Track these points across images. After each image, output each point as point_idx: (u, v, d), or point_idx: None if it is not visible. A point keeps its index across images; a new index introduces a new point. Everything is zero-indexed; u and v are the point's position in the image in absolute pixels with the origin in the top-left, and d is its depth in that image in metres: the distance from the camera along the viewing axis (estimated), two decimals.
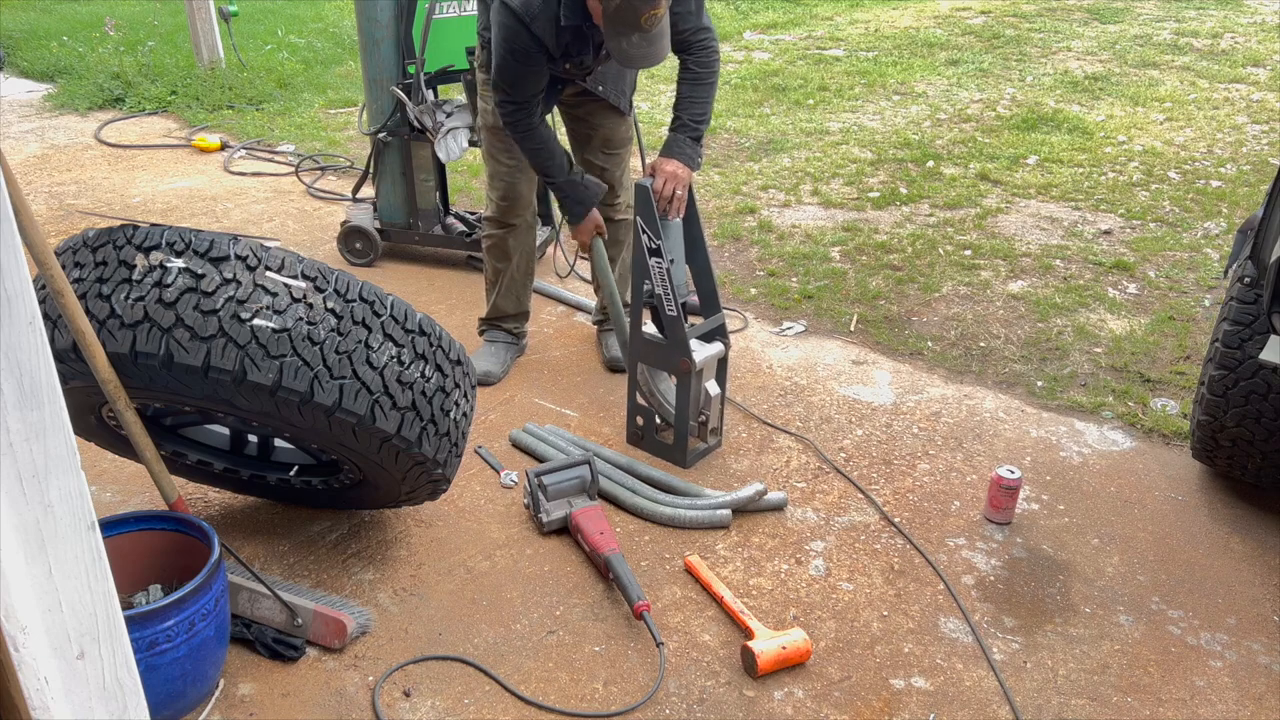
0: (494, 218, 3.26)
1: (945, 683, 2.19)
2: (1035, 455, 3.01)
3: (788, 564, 2.54)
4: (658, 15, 2.46)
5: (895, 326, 3.78)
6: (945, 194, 5.11)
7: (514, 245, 3.29)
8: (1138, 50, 8.08)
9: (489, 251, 3.34)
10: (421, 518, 2.69)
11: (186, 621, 1.88)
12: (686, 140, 2.81)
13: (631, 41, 2.51)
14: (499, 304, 3.40)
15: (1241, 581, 2.51)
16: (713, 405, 2.87)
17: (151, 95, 6.71)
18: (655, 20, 2.47)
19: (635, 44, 2.52)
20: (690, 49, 2.79)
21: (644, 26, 2.47)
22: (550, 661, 2.22)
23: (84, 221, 4.72)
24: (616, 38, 2.52)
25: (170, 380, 1.93)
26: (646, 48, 2.53)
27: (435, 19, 3.74)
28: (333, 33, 8.70)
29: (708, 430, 2.90)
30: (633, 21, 2.46)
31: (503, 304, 3.40)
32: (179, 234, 1.96)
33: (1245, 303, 2.51)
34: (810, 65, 7.75)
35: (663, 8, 2.46)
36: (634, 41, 2.51)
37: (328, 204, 5.01)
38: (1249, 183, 5.21)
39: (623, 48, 2.53)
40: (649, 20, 2.46)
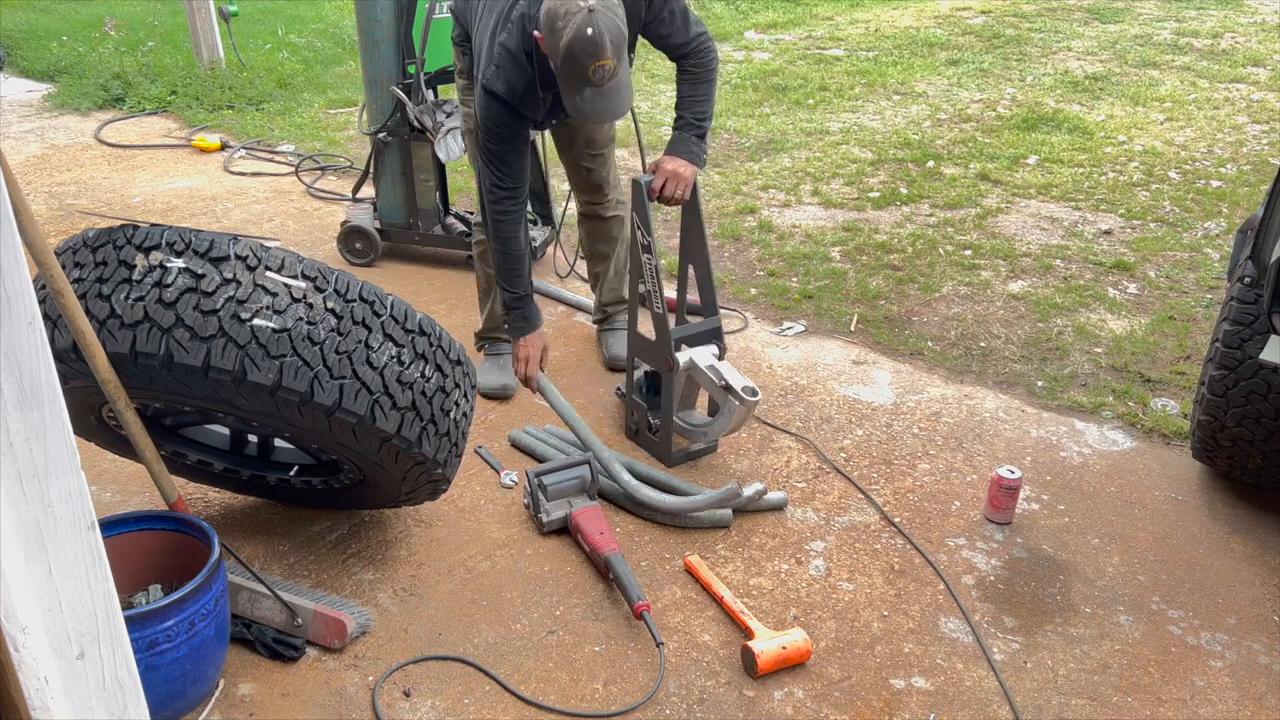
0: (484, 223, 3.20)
1: (945, 683, 2.19)
2: (1035, 455, 3.01)
3: (788, 564, 2.54)
4: (606, 67, 2.37)
5: (895, 326, 3.78)
6: (945, 194, 5.11)
7: None
8: (1138, 50, 8.08)
9: (481, 258, 3.27)
10: (421, 518, 2.69)
11: (186, 621, 1.88)
12: (690, 138, 2.78)
13: (584, 96, 2.45)
14: (495, 312, 3.31)
15: (1241, 581, 2.51)
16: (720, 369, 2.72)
17: (151, 95, 6.71)
18: (604, 73, 2.38)
19: (588, 99, 2.45)
20: (687, 55, 2.76)
21: (593, 80, 2.39)
22: (550, 661, 2.22)
23: (84, 221, 4.72)
24: (569, 94, 2.46)
25: (170, 380, 1.93)
26: (600, 102, 2.46)
27: (435, 19, 3.73)
28: (333, 33, 8.70)
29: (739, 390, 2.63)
30: (581, 75, 2.39)
31: (499, 311, 3.30)
32: (179, 234, 1.96)
33: (1245, 303, 2.51)
34: (810, 65, 7.75)
35: (610, 60, 2.36)
36: (586, 96, 2.44)
37: (328, 204, 5.01)
38: (1249, 183, 5.21)
39: (576, 104, 2.47)
40: (597, 73, 2.38)
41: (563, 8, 2.35)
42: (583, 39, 2.33)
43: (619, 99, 2.48)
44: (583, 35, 2.33)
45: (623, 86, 2.48)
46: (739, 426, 2.77)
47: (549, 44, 2.42)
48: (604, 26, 2.34)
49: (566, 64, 2.39)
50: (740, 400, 2.63)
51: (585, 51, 2.34)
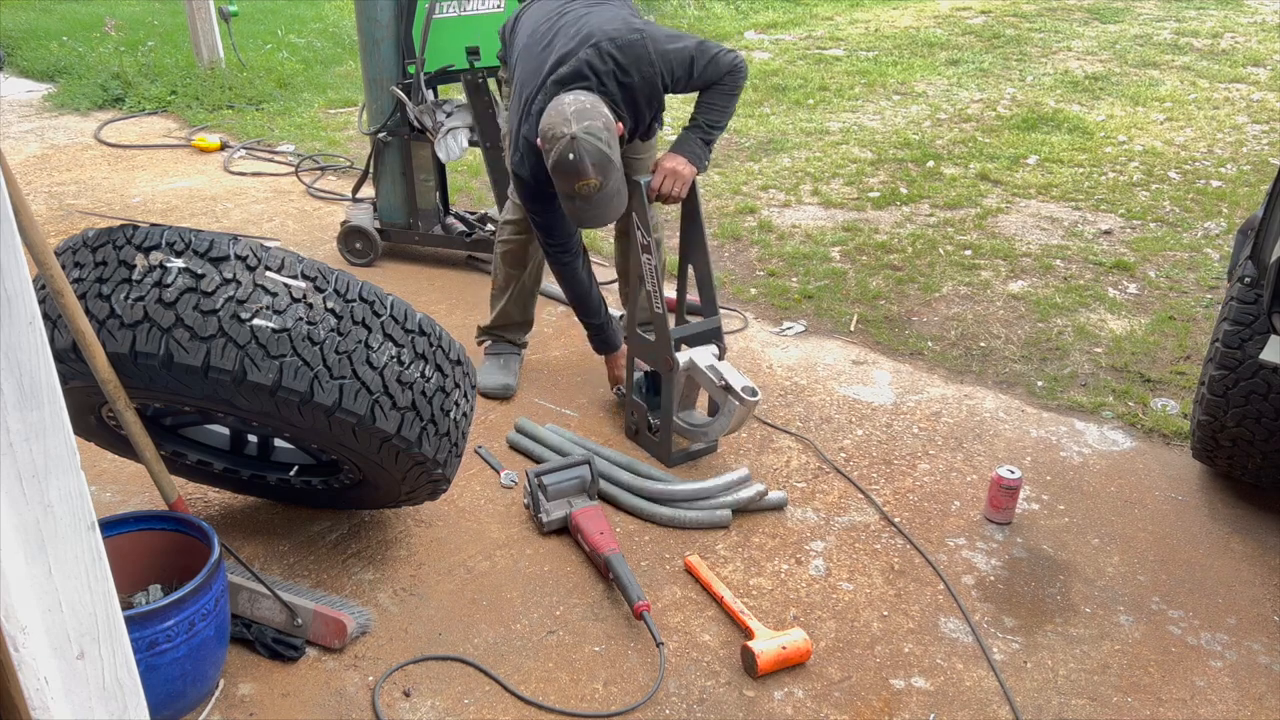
0: (515, 221, 3.19)
1: (945, 683, 2.19)
2: (1035, 455, 3.01)
3: (788, 564, 2.54)
4: (590, 185, 2.54)
5: (895, 326, 3.78)
6: (945, 194, 5.11)
7: (532, 252, 3.22)
8: (1138, 50, 8.08)
9: (504, 257, 3.26)
10: (421, 518, 2.69)
11: (186, 621, 1.88)
12: (696, 140, 2.79)
13: (576, 205, 2.62)
14: (507, 310, 3.32)
15: (1241, 581, 2.51)
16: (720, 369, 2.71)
17: (151, 95, 6.71)
18: (589, 189, 2.56)
19: (579, 209, 2.63)
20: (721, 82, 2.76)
21: (580, 194, 2.57)
22: (550, 661, 2.22)
23: (84, 221, 4.72)
24: (564, 201, 2.66)
25: (170, 380, 1.93)
26: (591, 210, 2.63)
27: (435, 19, 3.73)
28: (333, 33, 8.70)
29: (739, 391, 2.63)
30: (569, 191, 2.58)
31: (511, 310, 3.32)
32: (179, 234, 1.96)
33: (1245, 303, 2.51)
34: (810, 65, 7.75)
35: (593, 179, 2.53)
36: (578, 206, 2.62)
37: (328, 204, 5.01)
38: (1249, 183, 5.21)
39: (571, 209, 2.67)
40: (582, 189, 2.56)
41: (550, 132, 2.54)
42: (565, 163, 2.52)
43: (608, 208, 2.64)
44: (565, 160, 2.52)
45: (612, 196, 2.62)
46: (739, 426, 2.77)
47: (544, 156, 2.60)
48: (584, 152, 2.50)
49: (555, 179, 2.60)
50: (740, 400, 2.63)
51: (569, 174, 2.54)
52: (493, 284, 3.37)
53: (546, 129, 2.54)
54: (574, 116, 2.51)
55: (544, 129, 2.55)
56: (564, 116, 2.51)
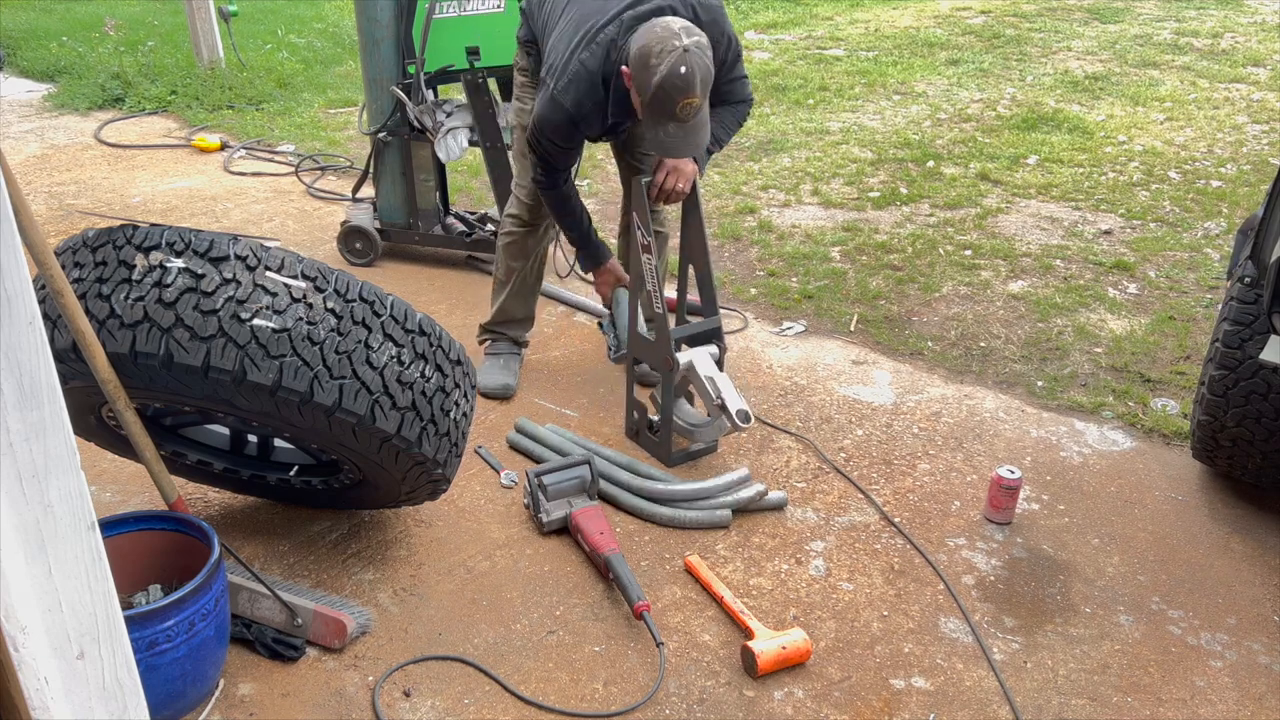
0: (518, 215, 3.18)
1: (945, 683, 2.19)
2: (1035, 455, 3.01)
3: (788, 564, 2.54)
4: (693, 105, 2.46)
5: (895, 326, 3.78)
6: (945, 194, 5.11)
7: (533, 246, 3.22)
8: (1138, 50, 8.08)
9: (506, 249, 3.25)
10: (421, 518, 2.69)
11: (186, 621, 1.88)
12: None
13: (668, 131, 2.53)
14: (507, 306, 3.30)
15: (1241, 581, 2.51)
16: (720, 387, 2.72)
17: (151, 95, 6.71)
18: (691, 110, 2.47)
19: (671, 134, 2.53)
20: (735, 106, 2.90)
21: (679, 116, 2.48)
22: (550, 661, 2.22)
23: (84, 221, 4.72)
24: (654, 127, 2.54)
25: (170, 380, 1.93)
26: (682, 137, 2.54)
27: (435, 19, 3.73)
28: (333, 33, 8.70)
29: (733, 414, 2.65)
30: (669, 111, 2.47)
31: (511, 306, 3.30)
32: (179, 234, 1.96)
33: (1245, 303, 2.51)
34: (810, 65, 7.75)
35: (698, 98, 2.45)
36: (669, 131, 2.52)
37: (328, 204, 5.01)
38: (1249, 183, 5.21)
39: (659, 137, 2.55)
40: (684, 109, 2.46)
41: (658, 45, 2.42)
42: (675, 77, 2.41)
43: (699, 136, 2.57)
44: (676, 74, 2.41)
45: (703, 124, 2.56)
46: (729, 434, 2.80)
47: (638, 79, 2.48)
48: (696, 66, 2.42)
49: (656, 100, 2.47)
50: (732, 424, 2.65)
51: (676, 89, 2.42)
52: (494, 278, 3.36)
53: (651, 44, 2.43)
54: (683, 32, 2.43)
55: (647, 45, 2.44)
56: (672, 32, 2.43)
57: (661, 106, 2.48)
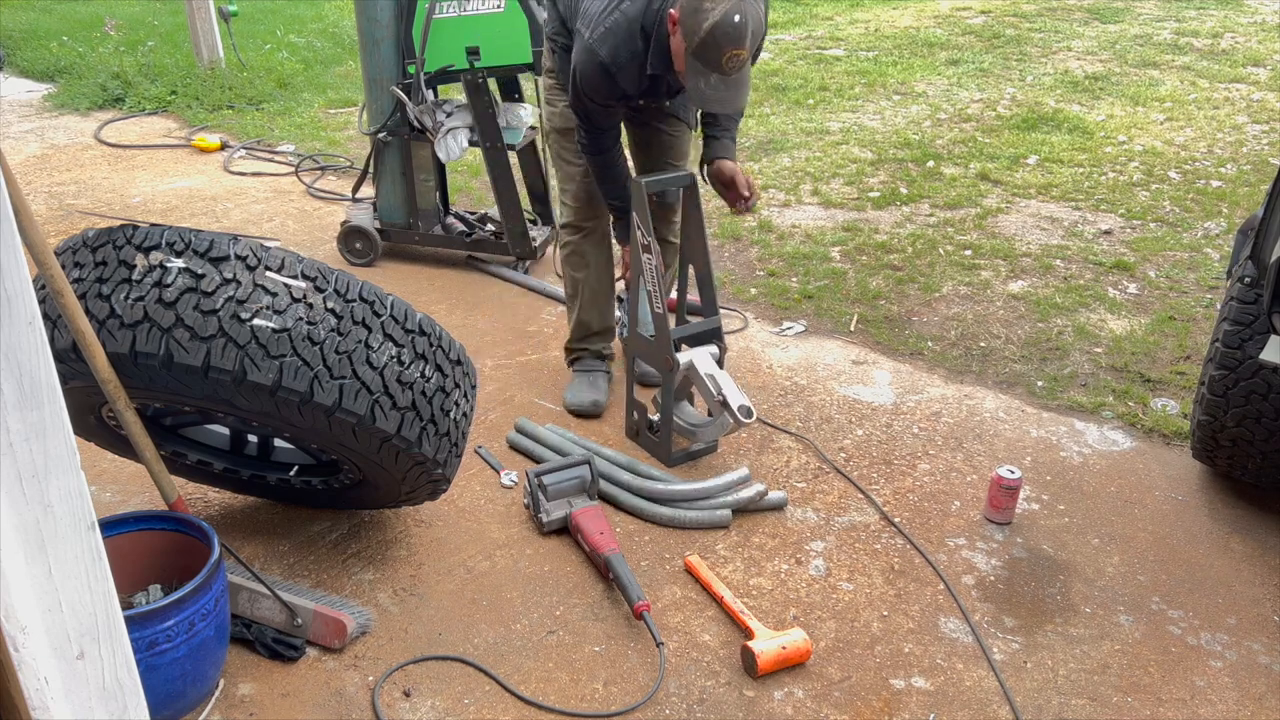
0: (570, 223, 3.09)
1: (945, 683, 2.19)
2: (1035, 455, 3.01)
3: (788, 564, 2.54)
4: (740, 57, 2.39)
5: (895, 326, 3.78)
6: (945, 194, 5.11)
7: (591, 251, 3.12)
8: (1138, 50, 8.08)
9: (566, 261, 3.15)
10: (421, 518, 2.69)
11: (186, 621, 1.88)
12: (728, 141, 2.88)
13: (710, 82, 2.45)
14: (583, 319, 3.19)
15: (1241, 581, 2.51)
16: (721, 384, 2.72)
17: (151, 95, 6.71)
18: (737, 62, 2.40)
19: (713, 85, 2.45)
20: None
21: (725, 68, 2.40)
22: (550, 661, 2.22)
23: (84, 221, 4.72)
24: (696, 77, 2.46)
25: (170, 380, 1.93)
26: (724, 91, 2.47)
27: (435, 19, 3.73)
28: (333, 33, 8.70)
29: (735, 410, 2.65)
30: (714, 60, 2.39)
31: (587, 318, 3.19)
32: (179, 234, 1.96)
33: (1245, 303, 2.51)
34: (810, 65, 7.75)
35: (746, 51, 2.38)
36: (712, 83, 2.45)
37: (328, 204, 5.01)
38: (1249, 183, 5.21)
39: (701, 88, 2.47)
40: (730, 61, 2.39)
41: None
42: (728, 24, 2.33)
43: (740, 92, 2.50)
44: (729, 21, 2.32)
45: (746, 80, 2.49)
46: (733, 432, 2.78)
47: (686, 22, 2.39)
48: (750, 16, 2.35)
49: (703, 47, 2.38)
50: (734, 419, 2.64)
51: (727, 37, 2.34)
52: (564, 292, 3.27)
53: None
54: None
55: None
56: None
57: (708, 55, 2.38)
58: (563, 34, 2.88)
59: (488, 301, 3.95)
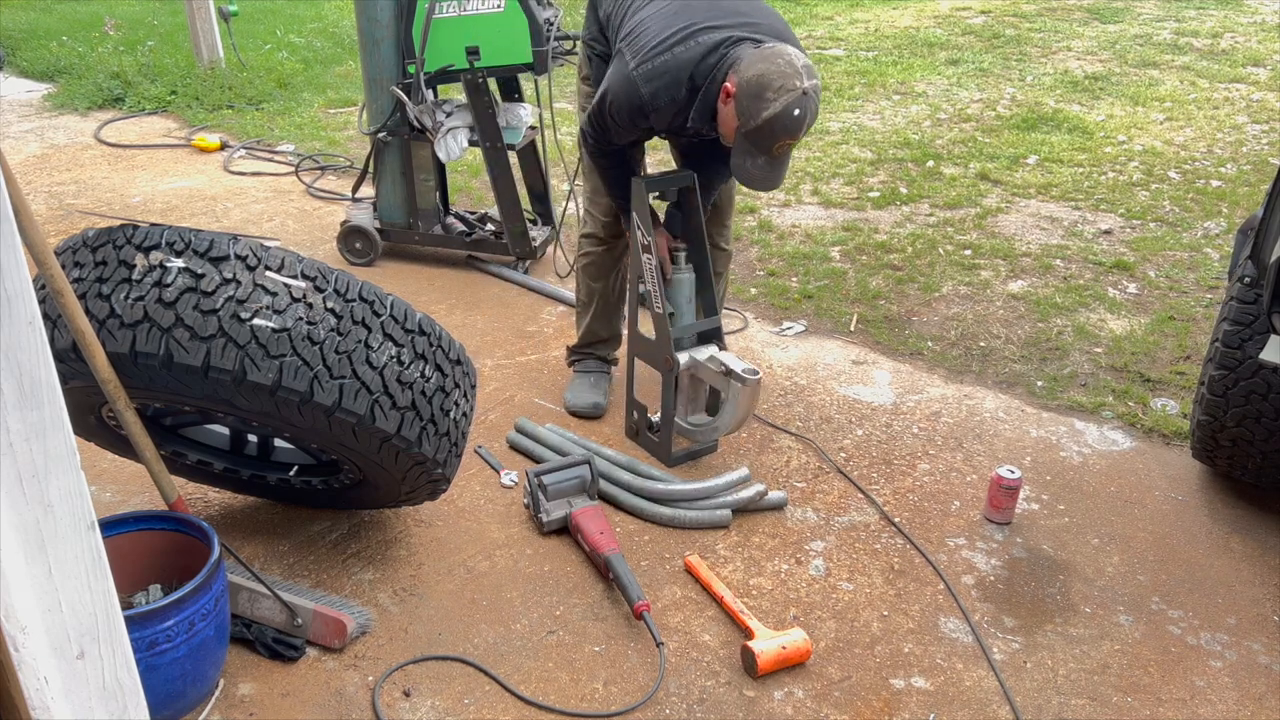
0: (594, 234, 3.07)
1: (945, 683, 2.19)
2: (1035, 455, 3.01)
3: (788, 564, 2.54)
4: (790, 146, 2.41)
5: (895, 326, 3.78)
6: (945, 194, 5.11)
7: (611, 264, 3.12)
8: (1138, 50, 8.07)
9: (585, 270, 3.15)
10: (421, 518, 2.69)
11: (186, 621, 1.88)
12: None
13: (757, 163, 2.44)
14: (593, 327, 3.20)
15: (1241, 581, 2.51)
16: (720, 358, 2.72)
17: (151, 95, 6.71)
18: (786, 150, 2.42)
19: (760, 166, 2.45)
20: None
21: (774, 154, 2.41)
22: (550, 661, 2.22)
23: (84, 221, 4.72)
24: (743, 156, 2.45)
25: (170, 380, 1.93)
26: (769, 172, 2.47)
27: (435, 19, 3.73)
28: (333, 32, 8.70)
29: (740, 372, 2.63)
30: (765, 147, 2.40)
31: (596, 328, 3.20)
32: (179, 234, 1.96)
33: (1245, 303, 2.51)
34: None
35: (798, 140, 2.39)
36: (759, 164, 2.44)
37: (328, 204, 5.01)
38: (1249, 183, 5.21)
39: (746, 166, 2.46)
40: (780, 149, 2.40)
41: (778, 81, 2.32)
42: (788, 118, 2.33)
43: (782, 171, 2.50)
44: (790, 115, 2.32)
45: (788, 159, 2.50)
46: (746, 415, 2.72)
47: (745, 105, 2.37)
48: (810, 112, 2.35)
49: (757, 133, 2.37)
50: (741, 381, 2.61)
51: (785, 130, 2.35)
52: (576, 299, 3.27)
53: (772, 75, 2.32)
54: (804, 71, 2.33)
55: (766, 75, 2.32)
56: (795, 69, 2.32)
57: (761, 141, 2.39)
58: (600, 41, 2.86)
59: (488, 301, 3.95)
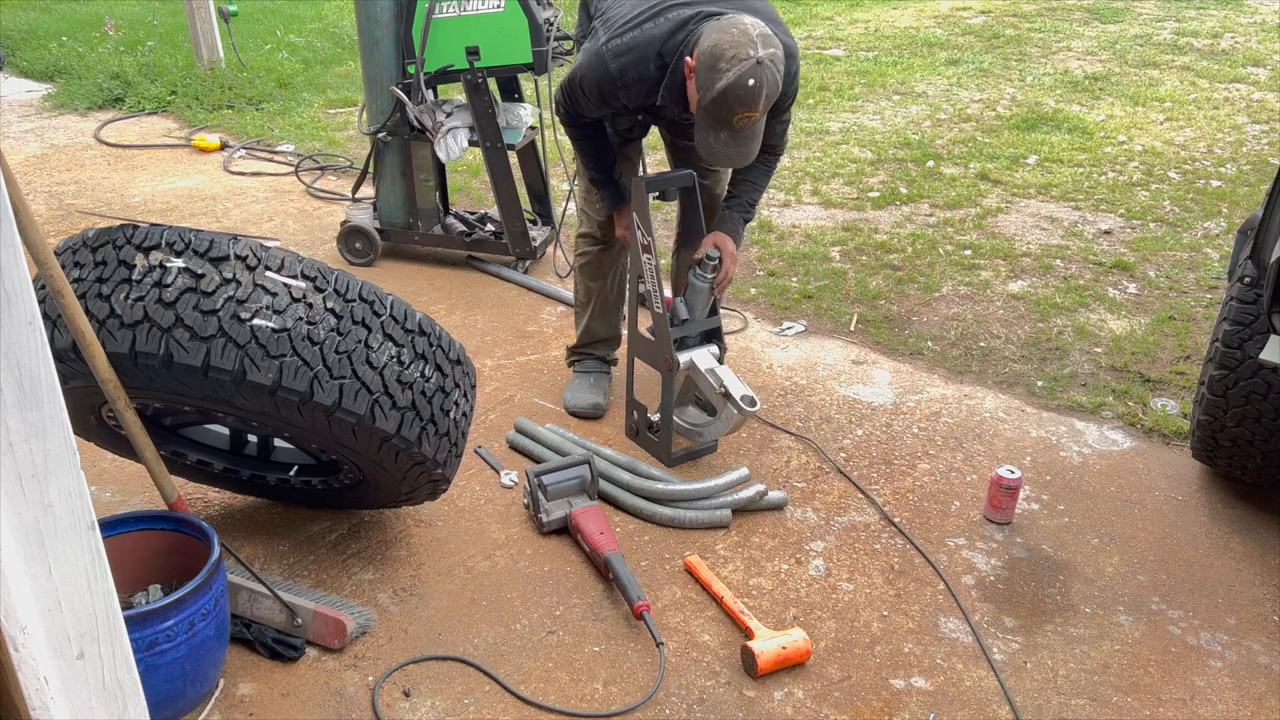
0: (591, 234, 3.07)
1: (945, 683, 2.19)
2: (1035, 455, 3.01)
3: (788, 564, 2.54)
4: (751, 119, 2.36)
5: (895, 326, 3.78)
6: (945, 194, 5.11)
7: (609, 264, 3.11)
8: (1138, 50, 8.07)
9: (582, 270, 3.15)
10: (421, 518, 2.69)
11: (186, 621, 1.88)
12: (740, 219, 2.83)
13: (720, 138, 2.41)
14: (592, 327, 3.20)
15: (1241, 581, 2.51)
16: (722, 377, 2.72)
17: (151, 95, 6.71)
18: (748, 123, 2.37)
19: (723, 141, 2.42)
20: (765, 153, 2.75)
21: (734, 127, 2.37)
22: (550, 661, 2.22)
23: (84, 221, 4.72)
24: (705, 131, 2.43)
25: (170, 380, 1.93)
26: (734, 148, 2.43)
27: (435, 19, 3.73)
28: (332, 32, 8.70)
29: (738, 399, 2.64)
30: (724, 120, 2.36)
31: (595, 328, 3.20)
32: (179, 234, 1.96)
33: (1245, 303, 2.51)
34: (810, 65, 7.75)
35: (758, 113, 2.35)
36: (722, 139, 2.41)
37: (328, 204, 5.01)
38: (1249, 183, 5.21)
39: (709, 142, 2.43)
40: (741, 122, 2.36)
41: (730, 50, 2.29)
42: (740, 88, 2.29)
43: (750, 147, 2.46)
44: (742, 84, 2.29)
45: (756, 136, 2.45)
46: (736, 430, 2.79)
47: (701, 77, 2.36)
48: (765, 81, 2.30)
49: (714, 105, 2.35)
50: (739, 409, 2.63)
51: (739, 100, 2.31)
52: (575, 299, 3.27)
53: (724, 46, 2.29)
54: (760, 40, 2.29)
55: (718, 46, 2.30)
56: (749, 38, 2.29)
57: (719, 114, 2.36)
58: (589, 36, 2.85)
59: (488, 301, 3.95)
